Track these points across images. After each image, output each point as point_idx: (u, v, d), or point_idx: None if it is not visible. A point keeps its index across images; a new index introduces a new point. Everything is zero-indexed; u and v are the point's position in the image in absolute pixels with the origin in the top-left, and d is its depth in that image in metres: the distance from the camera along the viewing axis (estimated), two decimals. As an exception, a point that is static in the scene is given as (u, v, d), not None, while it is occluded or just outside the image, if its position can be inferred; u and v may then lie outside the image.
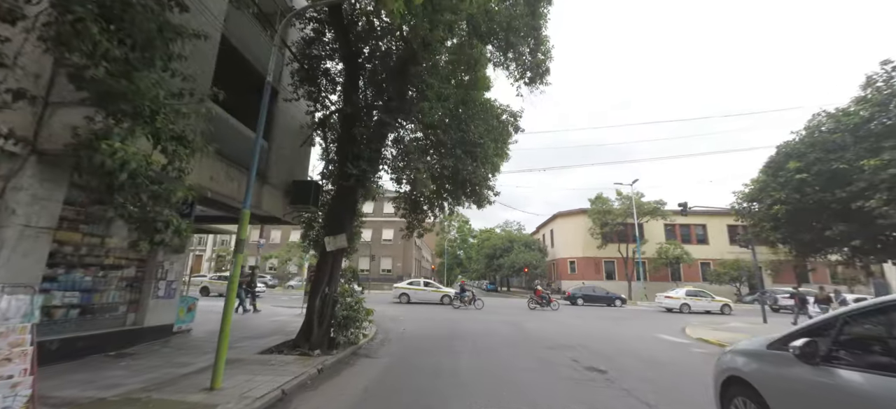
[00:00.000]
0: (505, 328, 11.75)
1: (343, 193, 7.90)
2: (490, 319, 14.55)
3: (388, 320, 13.27)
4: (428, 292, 21.99)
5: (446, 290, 22.38)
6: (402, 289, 22.38)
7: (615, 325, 13.96)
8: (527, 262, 39.49)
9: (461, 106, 7.50)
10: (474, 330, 11.20)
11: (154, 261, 7.94)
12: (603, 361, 7.19)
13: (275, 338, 8.50)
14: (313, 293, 7.62)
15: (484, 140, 7.81)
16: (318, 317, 7.48)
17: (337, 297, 7.73)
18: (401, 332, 10.58)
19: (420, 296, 21.78)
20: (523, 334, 10.62)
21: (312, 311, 7.48)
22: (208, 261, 49.29)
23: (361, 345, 8.27)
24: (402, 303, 21.13)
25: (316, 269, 7.88)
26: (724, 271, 35.61)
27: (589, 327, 12.84)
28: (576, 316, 16.92)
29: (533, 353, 8.00)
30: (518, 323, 13.35)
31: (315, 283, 7.69)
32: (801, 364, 2.77)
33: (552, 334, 10.78)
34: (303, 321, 7.63)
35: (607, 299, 26.17)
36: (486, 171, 8.18)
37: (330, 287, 7.70)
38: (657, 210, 35.50)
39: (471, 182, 7.92)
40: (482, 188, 8.49)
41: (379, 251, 46.06)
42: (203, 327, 9.96)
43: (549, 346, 8.73)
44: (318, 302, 7.53)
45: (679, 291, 24.29)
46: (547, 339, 9.90)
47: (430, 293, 21.92)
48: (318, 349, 7.18)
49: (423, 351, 8.00)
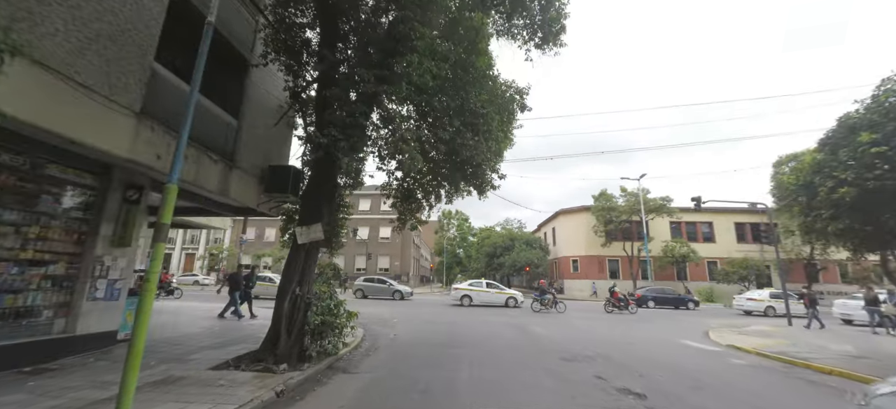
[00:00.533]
0: (508, 332, 10.46)
1: (318, 175, 6.59)
2: (506, 321, 13.24)
3: (379, 323, 11.95)
4: (491, 294, 20.46)
5: (511, 291, 20.98)
6: (463, 290, 20.75)
7: (629, 329, 12.67)
8: (528, 260, 38.23)
9: (459, 70, 6.18)
10: (475, 335, 9.90)
11: (90, 255, 6.60)
12: (634, 378, 5.88)
13: (244, 346, 7.18)
14: (281, 295, 6.31)
15: (487, 109, 6.47)
16: (286, 324, 6.17)
17: (311, 299, 6.40)
18: (391, 338, 9.27)
19: (483, 298, 20.23)
20: (529, 340, 9.32)
21: (279, 317, 6.17)
22: (200, 259, 47.95)
23: (342, 355, 6.96)
24: (464, 306, 19.51)
25: (285, 266, 6.57)
26: (733, 269, 34.37)
27: (604, 332, 11.53)
28: (584, 318, 15.60)
29: (544, 364, 6.71)
30: (522, 326, 12.05)
31: (283, 283, 6.38)
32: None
33: (564, 341, 9.48)
34: (268, 329, 6.30)
35: (677, 301, 24.13)
36: (490, 147, 6.83)
37: (302, 288, 6.38)
38: (663, 207, 34.23)
39: (472, 162, 6.57)
40: (485, 170, 7.10)
41: (376, 250, 44.77)
42: (178, 330, 8.69)
43: (564, 357, 7.42)
44: (286, 306, 6.22)
45: (762, 292, 22.28)
46: (559, 347, 8.59)
47: (494, 295, 20.42)
48: (286, 362, 5.86)
49: (414, 363, 6.69)
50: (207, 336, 8.49)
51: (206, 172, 7.50)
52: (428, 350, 7.78)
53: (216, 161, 7.84)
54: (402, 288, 24.22)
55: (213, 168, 7.77)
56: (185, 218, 12.01)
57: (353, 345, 7.82)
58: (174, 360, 6.28)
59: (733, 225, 39.57)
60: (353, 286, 24.80)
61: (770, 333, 12.27)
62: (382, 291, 23.82)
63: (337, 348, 6.76)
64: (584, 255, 38.22)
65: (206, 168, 7.51)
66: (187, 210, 11.27)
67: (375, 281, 25.17)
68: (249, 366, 5.79)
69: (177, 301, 16.97)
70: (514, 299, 20.11)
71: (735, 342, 10.12)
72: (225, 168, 8.04)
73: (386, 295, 23.52)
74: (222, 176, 7.99)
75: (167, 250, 51.10)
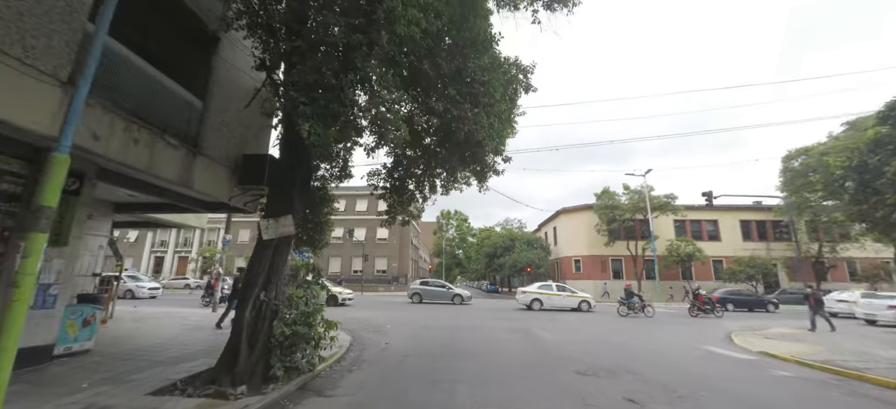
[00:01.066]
0: (512, 338, 9.41)
1: (288, 158, 5.53)
2: (509, 325, 12.16)
3: (371, 329, 10.86)
4: (563, 298, 19.35)
5: (584, 295, 19.92)
6: (533, 294, 19.49)
7: (644, 333, 11.61)
8: (529, 261, 37.19)
9: (454, 29, 5.11)
10: (477, 343, 8.83)
11: (13, 256, 5.51)
12: (673, 403, 4.81)
13: (205, 362, 6.08)
14: (242, 302, 5.23)
15: (488, 77, 5.40)
16: (248, 336, 5.09)
17: (279, 306, 5.33)
18: (382, 348, 8.19)
19: (554, 302, 19.14)
20: (536, 348, 8.25)
21: (240, 328, 5.09)
22: (193, 262, 46.68)
23: (319, 372, 5.87)
24: (534, 310, 18.47)
25: (248, 267, 5.49)
26: (740, 268, 33.38)
27: (618, 338, 10.46)
28: (595, 322, 14.52)
29: (559, 380, 5.65)
30: (526, 331, 10.98)
31: (245, 287, 5.31)
32: None
33: (577, 350, 8.41)
34: (227, 342, 5.21)
35: (755, 303, 22.51)
36: (492, 124, 5.73)
37: (268, 292, 5.30)
38: (667, 205, 33.27)
39: (471, 141, 5.48)
40: (486, 150, 5.96)
41: (373, 251, 43.70)
42: (138, 341, 7.62)
43: (580, 370, 6.35)
44: (248, 314, 5.14)
45: (852, 294, 19.28)
46: (574, 357, 7.52)
47: (566, 299, 19.33)
48: (245, 384, 4.77)
49: (405, 381, 5.62)
50: (169, 348, 7.40)
51: (162, 157, 6.41)
52: (422, 364, 6.70)
53: (176, 146, 6.73)
54: (462, 292, 22.80)
55: (172, 154, 6.67)
56: (154, 215, 10.88)
57: (334, 358, 6.74)
58: (113, 380, 5.20)
59: (739, 223, 38.67)
60: (409, 290, 23.59)
61: (796, 336, 11.22)
62: (441, 295, 22.34)
63: (313, 363, 5.67)
64: (587, 255, 37.23)
65: (162, 153, 6.41)
66: (155, 206, 10.18)
67: (433, 284, 23.72)
68: (200, 389, 4.70)
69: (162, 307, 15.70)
70: (588, 302, 19.25)
71: (766, 348, 9.07)
72: (187, 155, 6.94)
73: (444, 299, 22.12)
74: (184, 164, 6.89)
75: (159, 252, 49.91)
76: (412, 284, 24.25)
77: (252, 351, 5.07)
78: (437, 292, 22.47)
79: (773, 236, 37.92)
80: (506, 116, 6.54)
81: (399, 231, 44.34)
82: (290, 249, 5.67)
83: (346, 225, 44.60)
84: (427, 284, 23.60)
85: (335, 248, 43.99)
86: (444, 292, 22.41)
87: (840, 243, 32.59)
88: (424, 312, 16.67)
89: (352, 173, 9.35)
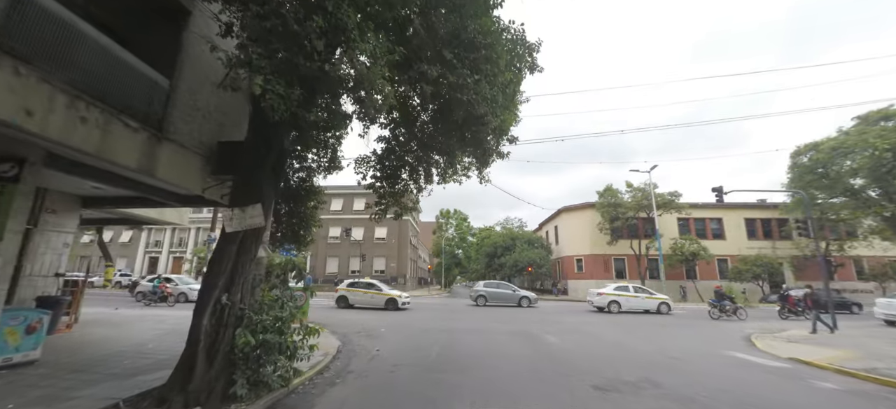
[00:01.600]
0: (516, 343, 8.61)
1: (256, 137, 4.72)
2: (512, 329, 11.35)
3: (362, 333, 10.03)
4: (640, 299, 18.69)
5: (662, 296, 19.19)
6: (611, 296, 18.74)
7: (657, 337, 10.81)
8: (530, 260, 36.38)
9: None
10: (478, 349, 8.02)
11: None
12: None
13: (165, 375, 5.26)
14: (200, 307, 4.41)
15: (491, 39, 4.57)
16: (206, 346, 4.27)
17: (244, 311, 4.51)
18: (372, 356, 7.37)
19: (631, 304, 18.42)
20: (544, 356, 7.45)
21: (196, 337, 4.27)
22: (188, 262, 45.78)
23: (295, 387, 5.05)
24: (612, 313, 17.66)
25: (208, 265, 4.67)
26: (746, 267, 32.61)
27: (633, 344, 9.65)
28: (596, 324, 13.71)
29: (575, 397, 4.85)
30: (532, 336, 10.17)
31: (203, 288, 4.49)
32: None
33: (589, 357, 7.62)
34: (181, 354, 4.39)
35: (841, 304, 20.97)
36: (495, 97, 4.90)
37: (231, 295, 4.48)
38: (671, 203, 32.47)
39: (471, 115, 4.64)
40: (489, 126, 5.08)
41: (371, 251, 42.85)
42: (105, 347, 6.80)
43: (598, 384, 5.54)
44: (206, 321, 4.32)
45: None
46: (587, 367, 6.72)
47: (644, 300, 18.66)
48: (200, 405, 3.97)
49: (395, 399, 4.81)
50: (133, 356, 6.57)
51: (117, 141, 5.59)
52: (416, 377, 5.88)
53: (135, 129, 5.90)
54: (530, 294, 21.57)
55: (131, 138, 5.84)
56: (126, 210, 10.05)
57: (316, 369, 5.92)
58: (48, 399, 4.38)
59: (743, 221, 37.93)
60: (473, 292, 22.28)
61: (820, 339, 10.42)
62: (506, 297, 21.09)
63: (287, 377, 4.85)
64: (589, 254, 36.40)
65: (117, 136, 5.59)
66: (126, 200, 9.36)
67: (496, 286, 22.36)
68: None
69: (169, 309, 14.67)
70: (667, 305, 18.61)
71: (795, 353, 8.27)
72: (150, 139, 6.10)
73: (510, 302, 20.83)
74: (145, 149, 6.06)
75: (154, 252, 49.03)
76: (476, 285, 23.11)
77: (210, 365, 4.25)
78: (502, 294, 21.39)
79: (779, 235, 37.21)
80: (511, 91, 5.71)
81: (398, 231, 43.56)
82: (259, 243, 4.86)
83: (343, 224, 43.80)
84: (492, 286, 22.46)
85: (332, 248, 43.17)
86: (510, 295, 21.25)
87: (847, 242, 31.86)
88: (417, 318, 15.83)
89: (342, 165, 8.54)
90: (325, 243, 43.01)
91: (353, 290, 17.63)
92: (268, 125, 4.62)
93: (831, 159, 25.05)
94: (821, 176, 26.27)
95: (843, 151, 24.19)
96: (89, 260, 20.95)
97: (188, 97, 6.96)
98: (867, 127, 23.98)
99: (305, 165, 8.81)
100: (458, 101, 4.44)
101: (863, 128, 24.23)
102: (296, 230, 8.51)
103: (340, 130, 8.32)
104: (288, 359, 4.91)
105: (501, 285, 22.92)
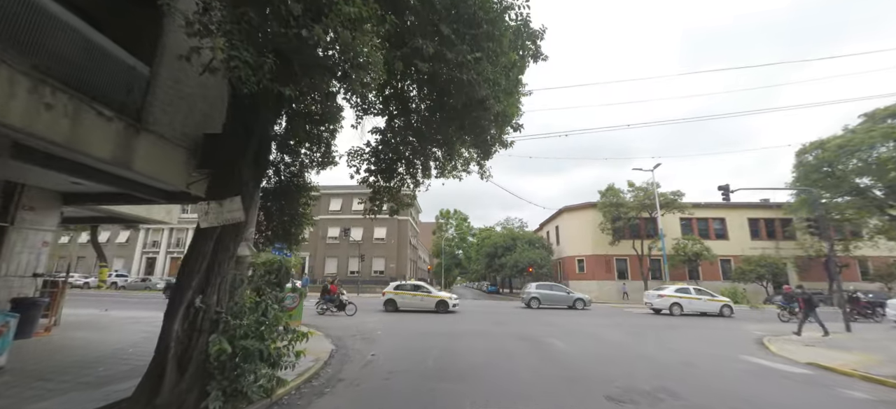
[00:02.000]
0: (520, 348, 8.18)
1: (234, 122, 4.31)
2: (515, 331, 10.91)
3: (357, 337, 9.59)
4: (702, 302, 18.15)
5: (725, 299, 18.80)
6: (673, 298, 18.16)
7: (667, 340, 10.37)
8: (531, 261, 35.92)
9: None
10: (480, 354, 7.58)
11: None
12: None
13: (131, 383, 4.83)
14: (171, 310, 3.98)
15: (493, 16, 4.14)
16: (176, 355, 3.84)
17: (221, 314, 4.09)
18: (367, 361, 6.93)
19: (694, 306, 17.95)
20: (550, 361, 7.02)
21: (166, 344, 3.85)
22: (185, 263, 45.33)
23: (280, 397, 4.61)
24: (675, 315, 17.13)
25: (181, 264, 4.24)
26: (750, 268, 32.19)
27: (642, 348, 9.22)
28: (613, 326, 13.27)
29: (585, 404, 4.42)
30: (535, 339, 9.74)
31: (175, 289, 4.06)
32: None
33: (599, 362, 7.18)
34: (150, 362, 3.96)
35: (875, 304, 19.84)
36: (498, 81, 4.46)
37: (206, 297, 4.05)
38: (674, 202, 32.03)
39: (472, 99, 4.22)
40: (492, 113, 4.63)
41: (370, 251, 42.40)
42: (93, 351, 6.31)
43: (611, 395, 5.09)
44: (178, 327, 3.89)
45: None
46: (597, 374, 6.29)
47: (706, 303, 18.13)
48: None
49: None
50: (109, 362, 6.13)
51: (89, 130, 5.16)
52: (413, 385, 5.44)
53: (109, 118, 5.48)
54: (584, 296, 21.46)
55: (105, 127, 5.41)
56: (110, 207, 9.58)
57: (304, 377, 5.48)
58: None
59: (747, 221, 37.53)
60: (524, 293, 22.07)
61: (834, 342, 9.99)
62: (560, 299, 20.89)
63: (269, 387, 4.42)
64: (591, 254, 35.97)
65: (89, 125, 5.16)
66: (109, 197, 8.91)
67: (549, 287, 22.13)
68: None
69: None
70: (729, 307, 18.17)
71: (813, 357, 7.84)
72: (126, 129, 5.67)
73: (563, 304, 20.68)
74: (121, 140, 5.62)
75: (151, 253, 48.59)
76: (528, 287, 22.82)
77: (182, 375, 3.82)
78: (556, 296, 21.16)
79: (783, 235, 36.80)
80: (514, 76, 5.27)
81: (397, 231, 43.14)
82: (239, 241, 4.43)
83: (341, 224, 43.39)
84: (545, 287, 22.14)
85: (331, 248, 42.74)
86: (564, 297, 21.11)
87: (852, 242, 31.45)
88: (413, 320, 15.38)
89: (336, 160, 8.12)
90: (323, 243, 42.57)
91: (400, 293, 16.89)
92: (247, 110, 4.20)
93: (837, 158, 24.63)
94: (826, 175, 25.86)
95: (850, 149, 23.78)
96: (69, 260, 20.28)
97: (171, 86, 6.53)
98: (874, 125, 23.56)
99: (298, 160, 8.39)
100: (458, 82, 4.00)
101: (870, 125, 23.81)
102: (287, 228, 8.08)
103: (334, 123, 7.92)
104: (271, 367, 4.48)
105: (555, 286, 22.70)
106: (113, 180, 6.51)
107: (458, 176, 8.24)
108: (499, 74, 4.53)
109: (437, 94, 4.63)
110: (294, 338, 4.84)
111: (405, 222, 43.79)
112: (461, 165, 7.99)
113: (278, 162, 8.47)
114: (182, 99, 6.75)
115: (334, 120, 7.40)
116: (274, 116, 4.43)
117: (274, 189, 8.20)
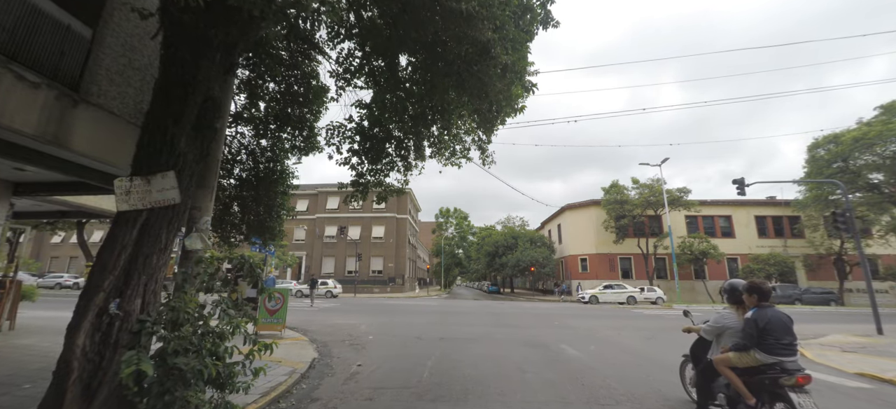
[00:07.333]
0: (525, 357, 7.24)
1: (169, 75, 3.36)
2: (517, 334, 9.96)
3: (346, 345, 8.62)
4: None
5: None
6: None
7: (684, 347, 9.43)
8: (533, 260, 34.94)
9: None
10: (477, 364, 6.63)
11: None
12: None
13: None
14: (75, 319, 3.02)
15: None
16: (82, 378, 2.89)
17: (147, 323, 3.13)
18: (351, 373, 5.98)
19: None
20: (562, 374, 6.09)
21: (69, 359, 2.89)
22: (179, 263, 44.34)
23: (233, 427, 3.66)
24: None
25: (95, 259, 3.28)
26: (758, 266, 31.24)
27: (656, 354, 8.28)
28: (629, 328, 12.33)
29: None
30: (545, 346, 8.79)
31: (84, 292, 3.10)
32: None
33: (616, 373, 6.24)
34: (50, 384, 3.00)
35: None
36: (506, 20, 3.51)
37: (124, 302, 3.10)
38: (680, 199, 31.03)
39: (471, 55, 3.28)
40: (499, 63, 3.66)
41: (368, 250, 41.42)
42: (40, 360, 5.36)
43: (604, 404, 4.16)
44: (84, 340, 2.93)
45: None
46: (619, 389, 5.35)
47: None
48: (58, 473, 2.58)
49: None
50: (40, 381, 5.19)
51: (6, 96, 4.22)
52: (403, 403, 4.49)
53: (36, 84, 4.51)
54: (656, 294, 24.05)
55: (28, 95, 4.44)
56: (66, 198, 8.57)
57: (270, 396, 4.53)
58: None
59: (754, 219, 36.61)
60: (580, 294, 24.26)
61: (872, 346, 9.05)
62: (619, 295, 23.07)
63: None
64: (594, 253, 35.04)
65: (6, 90, 4.22)
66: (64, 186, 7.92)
67: (608, 286, 24.46)
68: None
69: None
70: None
71: (861, 367, 6.90)
72: (59, 99, 4.70)
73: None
74: (53, 113, 4.65)
75: (145, 253, 47.70)
76: (587, 289, 23.77)
77: (91, 401, 2.87)
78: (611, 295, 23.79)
79: (791, 232, 35.86)
80: (524, 25, 4.29)
81: (395, 230, 42.16)
82: (174, 230, 3.47)
83: (338, 223, 42.41)
84: (610, 287, 25.13)
85: (328, 247, 41.77)
86: (622, 293, 24.21)
87: (863, 240, 30.61)
88: (410, 321, 14.42)
89: (320, 145, 7.16)
90: (320, 242, 41.61)
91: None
92: (184, 61, 3.25)
93: (852, 152, 23.68)
94: (840, 170, 24.91)
95: (866, 142, 22.83)
96: (18, 260, 19.15)
97: (121, 54, 5.56)
98: (892, 117, 22.61)
99: (278, 145, 7.45)
100: (455, 14, 2.99)
101: (887, 118, 22.86)
102: (263, 221, 7.14)
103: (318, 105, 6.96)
104: (219, 389, 3.52)
105: (617, 286, 24.66)
106: (58, 165, 5.53)
107: (457, 163, 7.28)
108: (505, 15, 3.56)
109: (428, 45, 3.66)
110: (254, 349, 3.87)
111: (404, 220, 42.80)
112: (460, 150, 7.04)
113: (253, 148, 7.54)
114: (136, 70, 5.78)
115: (319, 102, 6.45)
116: (221, 64, 3.48)
117: (247, 178, 7.27)
